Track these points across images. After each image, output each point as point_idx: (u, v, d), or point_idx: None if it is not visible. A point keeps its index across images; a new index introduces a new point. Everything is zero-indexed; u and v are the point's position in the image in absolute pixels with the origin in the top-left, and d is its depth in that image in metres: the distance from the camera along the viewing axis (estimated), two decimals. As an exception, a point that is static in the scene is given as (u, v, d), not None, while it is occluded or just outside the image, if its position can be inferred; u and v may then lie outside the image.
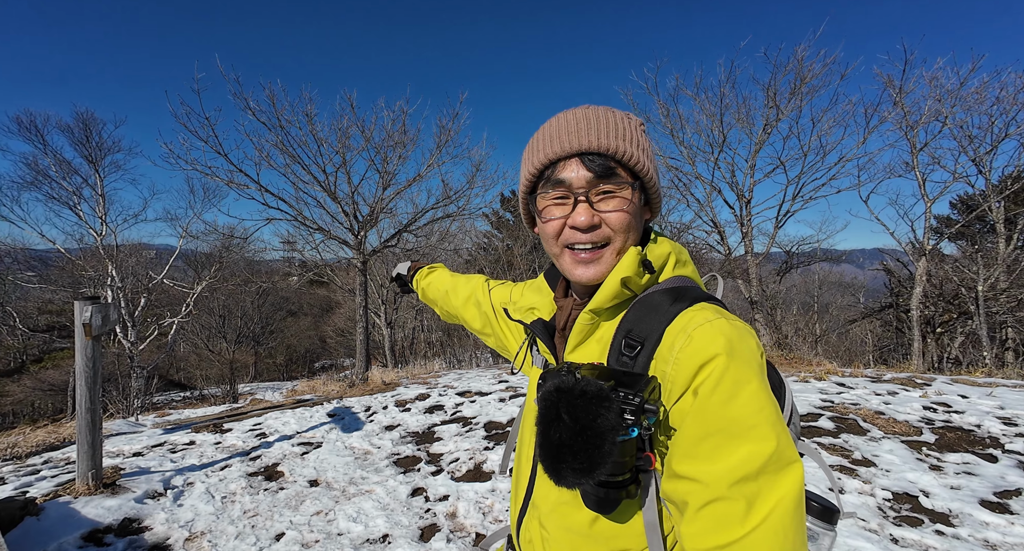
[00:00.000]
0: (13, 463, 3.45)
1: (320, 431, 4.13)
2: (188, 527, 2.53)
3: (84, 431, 2.74)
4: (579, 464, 0.51)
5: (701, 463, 0.51)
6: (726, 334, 0.54)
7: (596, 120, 0.63)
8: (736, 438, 0.50)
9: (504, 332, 0.92)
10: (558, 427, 0.52)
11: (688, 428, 0.53)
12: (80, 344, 2.76)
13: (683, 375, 0.54)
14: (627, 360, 0.59)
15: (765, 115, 7.54)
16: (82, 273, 13.31)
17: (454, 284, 1.10)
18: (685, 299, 0.59)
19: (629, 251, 0.62)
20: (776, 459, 0.49)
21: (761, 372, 0.53)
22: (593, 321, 0.65)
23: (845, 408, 3.66)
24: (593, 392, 0.51)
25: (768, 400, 0.51)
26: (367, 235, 7.46)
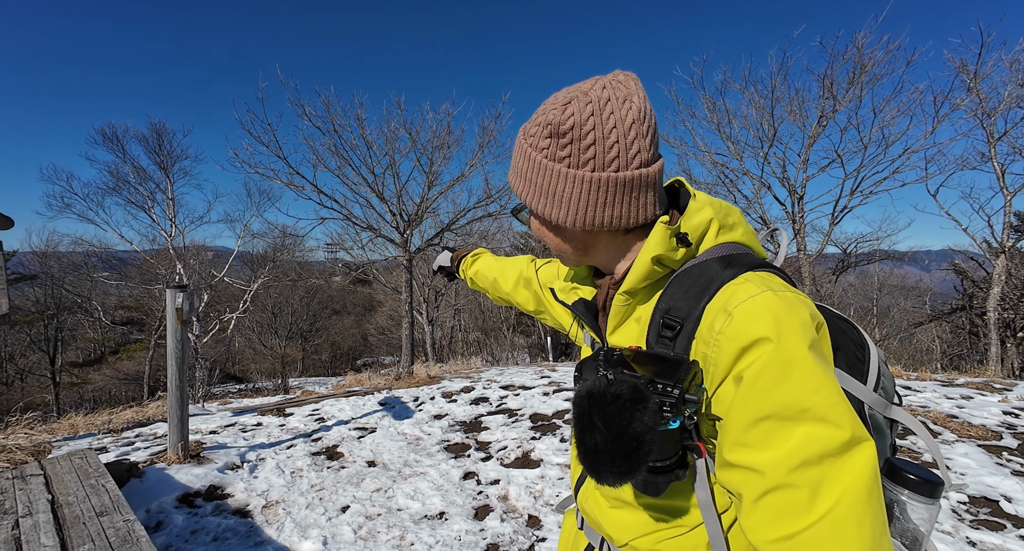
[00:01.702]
0: (111, 436, 3.87)
1: (373, 418, 4.35)
2: (264, 496, 2.75)
3: (174, 407, 3.05)
4: (617, 468, 0.50)
5: (754, 451, 0.48)
6: (772, 311, 0.48)
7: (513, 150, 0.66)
8: (790, 421, 0.46)
9: (557, 309, 0.91)
10: (592, 434, 0.50)
11: (735, 415, 0.49)
12: (171, 328, 3.06)
13: (725, 359, 0.50)
14: (667, 341, 0.56)
15: (820, 107, 7.18)
16: (155, 272, 14.52)
17: (501, 269, 1.08)
18: (729, 269, 0.55)
19: (656, 226, 0.57)
20: (840, 440, 0.45)
21: (816, 348, 0.48)
22: (628, 302, 0.62)
23: (913, 411, 3.46)
24: (626, 395, 0.49)
25: (826, 379, 0.47)
26: (412, 234, 7.72)
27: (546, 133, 0.57)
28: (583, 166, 0.56)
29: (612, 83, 0.56)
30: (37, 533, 1.76)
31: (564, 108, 0.55)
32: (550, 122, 0.56)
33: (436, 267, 1.34)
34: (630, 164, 0.56)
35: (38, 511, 1.93)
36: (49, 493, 2.10)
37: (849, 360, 0.59)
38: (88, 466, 2.40)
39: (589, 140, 0.55)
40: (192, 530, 2.36)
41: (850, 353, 0.59)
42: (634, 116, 0.55)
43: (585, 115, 0.55)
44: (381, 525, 2.45)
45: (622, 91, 0.55)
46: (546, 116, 0.57)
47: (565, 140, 0.56)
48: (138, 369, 23.70)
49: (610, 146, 0.55)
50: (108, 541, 1.70)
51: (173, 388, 3.05)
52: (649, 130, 0.56)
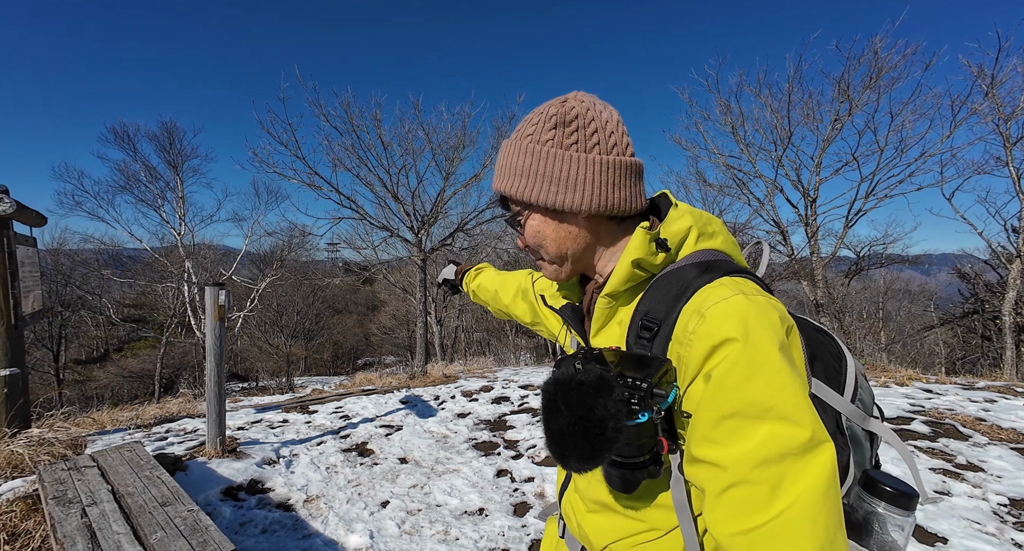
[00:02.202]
0: (141, 431, 3.92)
1: (397, 416, 4.40)
2: (304, 490, 2.81)
3: (213, 402, 3.10)
4: (579, 452, 0.51)
5: (719, 447, 0.50)
6: (741, 313, 0.51)
7: (499, 161, 0.67)
8: (754, 419, 0.48)
9: (549, 319, 0.94)
10: (556, 418, 0.52)
11: (703, 412, 0.51)
12: (210, 325, 3.12)
13: (696, 358, 0.52)
14: (644, 342, 0.58)
15: (835, 110, 7.24)
16: (165, 269, 14.58)
17: (502, 282, 1.12)
18: (706, 274, 0.57)
19: (636, 231, 0.60)
20: (801, 440, 0.46)
21: (783, 350, 0.50)
22: (610, 305, 0.64)
23: (939, 413, 3.51)
24: (590, 382, 0.51)
25: (790, 379, 0.48)
26: (430, 233, 7.79)
27: (550, 125, 0.61)
28: (591, 150, 0.61)
29: (586, 95, 0.64)
30: (107, 521, 1.81)
31: (563, 105, 0.62)
32: (552, 115, 0.61)
33: (440, 280, 1.37)
34: (625, 152, 0.62)
35: (102, 500, 1.98)
36: (108, 483, 2.15)
37: (827, 371, 0.60)
38: (139, 458, 2.46)
39: (592, 128, 0.61)
40: (241, 522, 2.41)
41: (828, 364, 0.61)
42: (617, 117, 0.63)
43: (584, 108, 0.61)
44: (423, 520, 2.50)
45: (598, 100, 0.64)
46: (546, 112, 0.62)
47: (571, 128, 0.61)
48: (143, 366, 23.76)
49: (608, 134, 0.61)
50: (178, 529, 1.75)
51: (212, 384, 3.11)
52: (626, 132, 0.64)
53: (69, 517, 1.85)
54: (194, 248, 14.39)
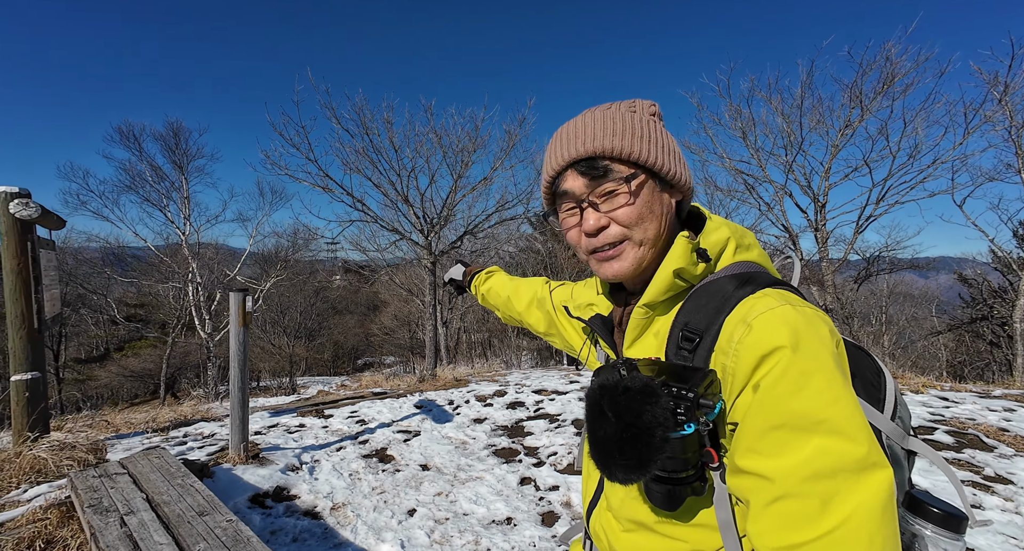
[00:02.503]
0: (159, 434, 3.91)
1: (414, 421, 4.39)
2: (330, 498, 2.80)
3: (236, 408, 3.10)
4: (626, 461, 0.50)
5: (765, 458, 0.48)
6: (790, 322, 0.49)
7: (585, 126, 0.63)
8: (804, 432, 0.46)
9: (569, 331, 0.92)
10: (603, 424, 0.51)
11: (750, 422, 0.50)
12: (234, 330, 3.11)
13: (743, 368, 0.51)
14: (685, 354, 0.57)
15: (847, 116, 7.27)
16: (169, 269, 14.56)
17: (515, 288, 1.09)
18: (747, 286, 0.56)
19: (678, 240, 0.60)
20: (856, 456, 0.44)
21: (835, 361, 0.49)
22: (648, 315, 0.63)
23: (961, 423, 3.51)
24: (637, 388, 0.50)
25: (844, 393, 0.47)
26: (442, 236, 7.79)
27: (650, 111, 0.65)
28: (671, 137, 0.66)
29: None
30: (148, 531, 1.81)
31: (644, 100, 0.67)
32: (648, 105, 0.66)
33: (447, 279, 1.34)
34: None
35: (139, 509, 1.98)
36: (142, 492, 2.14)
37: (866, 387, 0.59)
38: (168, 465, 2.45)
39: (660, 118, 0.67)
40: (271, 530, 2.41)
41: (867, 380, 0.59)
42: None
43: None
44: (452, 529, 2.50)
45: None
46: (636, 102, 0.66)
47: (661, 122, 0.67)
48: (144, 366, 23.70)
49: None
50: (220, 540, 1.75)
51: (236, 390, 3.10)
52: None
53: (109, 526, 1.85)
54: (199, 248, 14.37)
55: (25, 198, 3.18)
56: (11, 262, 3.24)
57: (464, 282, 1.29)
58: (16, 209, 3.01)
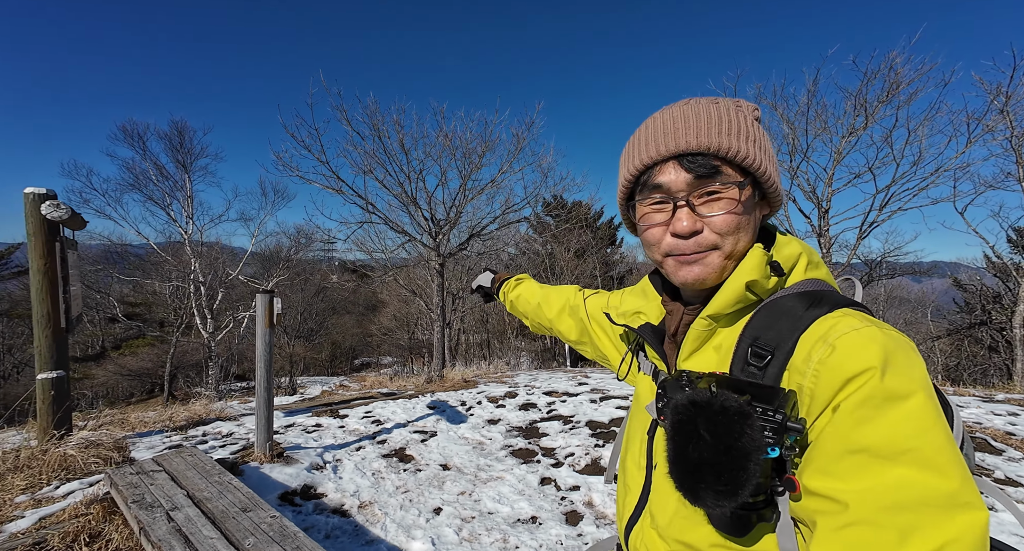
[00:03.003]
0: (178, 433, 3.95)
1: (429, 421, 4.45)
2: (356, 496, 2.85)
3: (262, 407, 3.15)
4: (721, 486, 0.47)
5: (839, 481, 0.44)
6: (879, 343, 0.47)
7: (696, 117, 0.58)
8: (887, 460, 0.42)
9: (602, 340, 0.89)
10: (697, 445, 0.49)
11: (826, 443, 0.46)
12: (260, 332, 3.17)
13: (825, 390, 0.47)
14: (754, 371, 0.54)
15: (850, 123, 7.41)
16: (172, 268, 14.55)
17: (545, 296, 1.07)
18: (823, 305, 0.53)
19: (753, 251, 0.57)
20: (945, 491, 0.40)
21: (926, 388, 0.45)
22: (710, 327, 0.59)
23: (969, 427, 3.60)
24: (735, 408, 0.48)
25: (936, 423, 0.43)
26: (448, 238, 7.86)
27: (754, 115, 0.62)
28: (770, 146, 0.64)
29: None
30: (196, 526, 1.86)
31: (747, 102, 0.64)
32: (753, 108, 0.62)
33: (475, 286, 1.33)
34: None
35: (182, 505, 2.03)
36: (182, 488, 2.19)
37: None
38: (202, 463, 2.50)
39: None
40: (304, 527, 2.46)
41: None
42: None
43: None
44: (479, 528, 2.56)
45: None
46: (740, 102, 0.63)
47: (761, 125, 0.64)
48: (142, 365, 23.58)
49: None
50: (267, 535, 1.80)
51: (261, 390, 3.16)
52: None
53: (156, 521, 1.90)
54: (202, 247, 14.37)
55: (54, 199, 3.23)
56: (38, 262, 3.29)
57: (492, 289, 1.27)
58: (48, 210, 3.06)
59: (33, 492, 2.66)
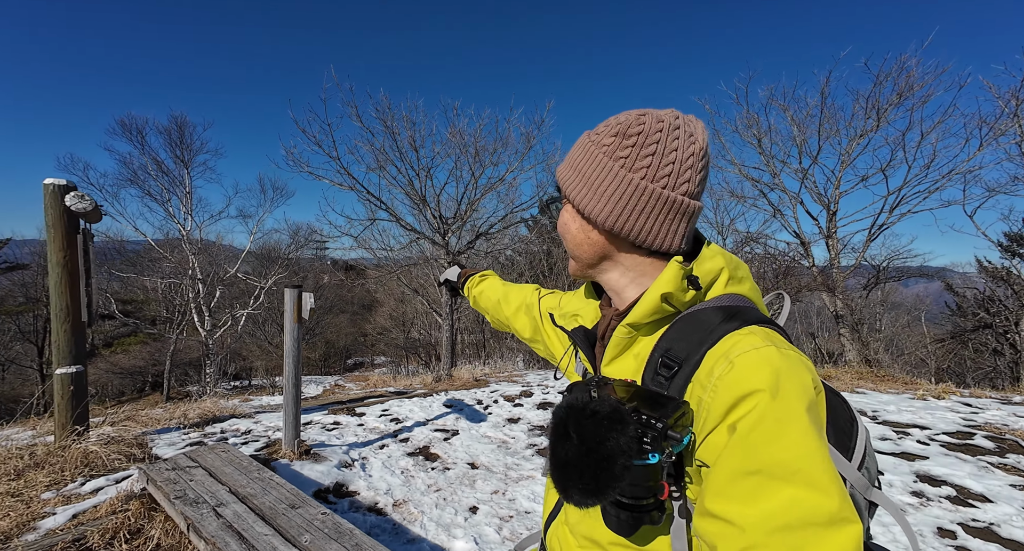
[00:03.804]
0: (196, 430, 3.88)
1: (448, 420, 4.41)
2: (389, 494, 2.81)
3: (290, 405, 3.10)
4: (584, 485, 0.50)
5: (736, 504, 0.46)
6: (773, 365, 0.49)
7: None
8: (778, 480, 0.45)
9: (552, 339, 0.92)
10: (565, 445, 0.51)
11: (723, 464, 0.48)
12: (288, 327, 3.12)
13: (719, 406, 0.49)
14: (662, 380, 0.56)
15: (862, 127, 7.49)
16: (170, 265, 14.34)
17: (506, 293, 1.09)
18: (734, 320, 0.55)
19: (670, 264, 0.58)
20: (827, 512, 0.43)
21: (811, 412, 0.48)
22: (630, 335, 0.61)
23: (997, 428, 3.64)
24: (605, 413, 0.49)
25: (819, 446, 0.46)
26: (460, 236, 7.82)
27: (613, 132, 0.61)
28: (635, 171, 0.59)
29: (685, 118, 0.62)
30: (247, 522, 1.82)
31: (639, 118, 0.61)
32: (620, 123, 0.61)
33: (443, 279, 1.36)
34: (677, 187, 0.59)
35: (228, 501, 1.98)
36: (223, 485, 2.14)
37: (838, 435, 0.58)
38: (238, 459, 2.45)
39: (649, 150, 0.59)
40: (343, 525, 2.41)
41: (839, 428, 0.59)
42: (694, 151, 0.60)
43: (654, 129, 0.59)
44: (519, 527, 2.53)
45: (691, 128, 0.61)
46: (618, 119, 0.62)
47: (629, 142, 0.60)
48: (133, 363, 23.24)
49: (666, 164, 0.59)
50: (323, 532, 1.76)
51: (290, 386, 3.10)
52: (702, 170, 0.61)
53: (205, 517, 1.85)
54: (201, 244, 14.18)
55: (75, 190, 3.16)
56: (57, 255, 3.21)
57: (458, 283, 1.29)
58: (72, 202, 2.99)
59: (58, 489, 2.59)
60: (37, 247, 22.71)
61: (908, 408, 4.35)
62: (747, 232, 10.42)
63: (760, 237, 9.51)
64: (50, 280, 3.24)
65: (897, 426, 3.87)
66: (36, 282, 21.16)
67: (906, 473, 2.98)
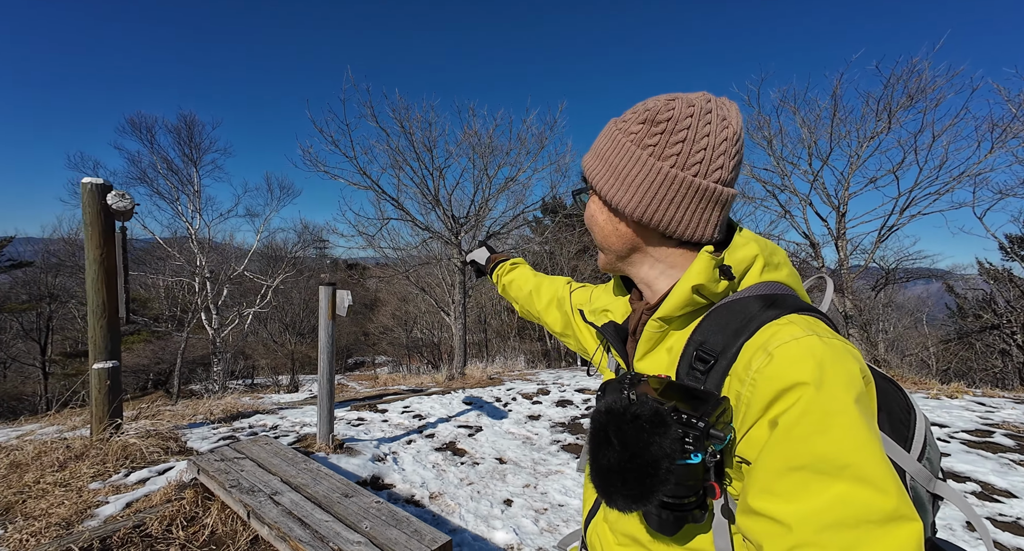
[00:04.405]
0: (225, 425, 3.94)
1: (469, 416, 4.47)
2: (424, 487, 2.88)
3: (324, 399, 3.16)
4: (629, 491, 0.48)
5: (781, 502, 0.44)
6: (816, 355, 0.46)
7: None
8: (826, 476, 0.42)
9: (584, 334, 0.90)
10: (607, 451, 0.50)
11: (767, 461, 0.46)
12: (323, 323, 3.18)
13: (760, 400, 0.47)
14: (698, 375, 0.54)
15: (873, 129, 7.56)
16: (178, 263, 14.40)
17: (538, 285, 1.07)
18: (772, 309, 0.53)
19: (700, 255, 0.56)
20: (881, 509, 0.40)
21: (860, 403, 0.45)
22: (662, 329, 0.60)
23: (1015, 427, 3.71)
24: (646, 416, 0.48)
25: (869, 438, 0.43)
26: (473, 236, 7.89)
27: (641, 119, 0.59)
28: (664, 159, 0.57)
29: (718, 101, 0.58)
30: (305, 509, 1.88)
31: (668, 103, 0.58)
32: (649, 109, 0.58)
33: (469, 259, 1.31)
34: (709, 175, 0.57)
35: (283, 490, 2.04)
36: (274, 475, 2.20)
37: (893, 424, 0.54)
38: (282, 451, 2.51)
39: (679, 137, 0.56)
40: (386, 516, 2.48)
41: (895, 417, 0.55)
42: (727, 135, 0.56)
43: (684, 114, 0.56)
44: (555, 519, 2.59)
45: (724, 111, 0.57)
46: (646, 105, 0.59)
47: (658, 129, 0.57)
48: (137, 361, 23.27)
49: (697, 151, 0.56)
50: (380, 519, 1.83)
51: (324, 381, 3.17)
52: (736, 155, 0.57)
53: (264, 504, 1.92)
54: (210, 243, 14.26)
55: (111, 189, 3.22)
56: (94, 252, 3.27)
57: (486, 268, 1.25)
58: (113, 201, 3.05)
59: (103, 479, 2.66)
60: (41, 245, 22.72)
61: (923, 407, 4.42)
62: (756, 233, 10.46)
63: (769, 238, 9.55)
64: (87, 277, 3.31)
65: (914, 424, 3.93)
66: (39, 280, 21.19)
67: (928, 469, 3.04)
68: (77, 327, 26.64)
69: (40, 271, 20.78)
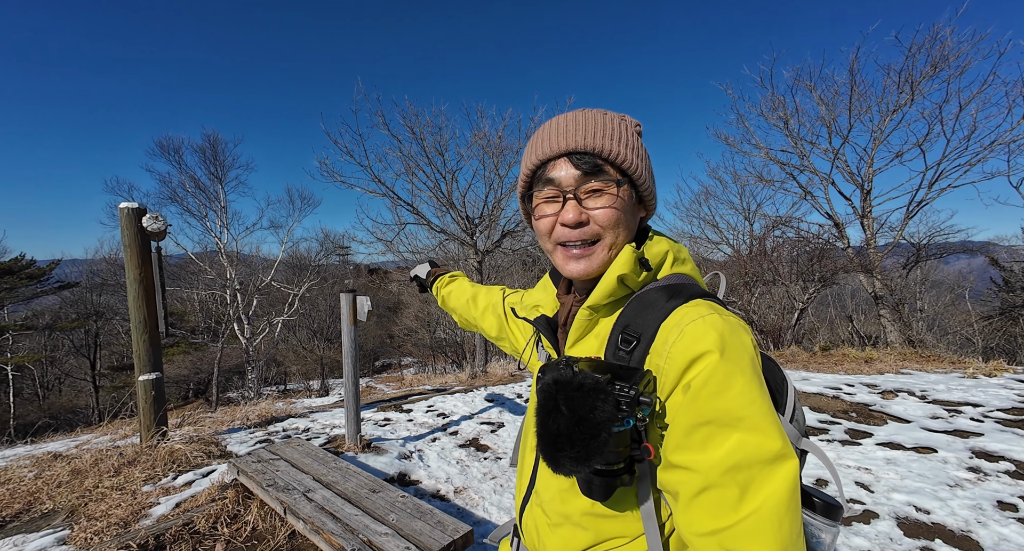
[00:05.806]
0: (260, 429, 4.15)
1: (492, 413, 4.57)
2: (449, 482, 2.99)
3: (351, 401, 3.31)
4: (575, 453, 0.54)
5: (693, 452, 0.53)
6: (718, 329, 0.55)
7: (585, 122, 0.66)
8: (726, 427, 0.51)
9: (515, 333, 0.97)
10: (556, 418, 0.55)
11: (680, 419, 0.54)
12: (346, 329, 3.32)
13: (675, 369, 0.56)
14: (623, 355, 0.61)
15: (895, 102, 7.26)
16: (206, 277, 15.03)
17: (474, 294, 1.14)
18: (681, 296, 0.61)
19: (625, 249, 0.65)
20: (769, 450, 0.50)
21: (753, 366, 0.55)
22: (591, 317, 0.67)
23: None
24: (590, 385, 0.54)
25: (760, 394, 0.53)
26: (489, 236, 7.99)
27: (636, 129, 0.69)
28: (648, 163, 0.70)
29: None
30: (336, 505, 2.01)
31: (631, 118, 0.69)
32: (634, 123, 0.69)
33: (413, 275, 1.38)
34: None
35: (315, 488, 2.18)
36: (307, 474, 2.35)
37: (772, 393, 0.63)
38: (313, 451, 2.66)
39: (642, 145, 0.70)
40: (413, 510, 2.59)
41: (773, 387, 0.64)
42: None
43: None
44: (576, 507, 2.66)
45: None
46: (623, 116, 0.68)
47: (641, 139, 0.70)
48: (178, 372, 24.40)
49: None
50: (405, 512, 1.93)
51: (350, 384, 3.31)
52: None
53: (298, 501, 2.05)
54: (237, 256, 14.84)
55: (145, 213, 3.44)
56: (134, 271, 3.51)
57: (427, 281, 1.32)
58: (149, 223, 3.27)
59: (154, 482, 2.87)
60: (85, 266, 24.02)
61: (958, 387, 4.27)
62: (776, 216, 10.23)
63: (790, 220, 9.32)
64: (128, 295, 3.55)
65: (948, 405, 3.83)
66: (86, 298, 22.42)
67: (961, 449, 2.97)
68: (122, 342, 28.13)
69: (86, 290, 22.04)
